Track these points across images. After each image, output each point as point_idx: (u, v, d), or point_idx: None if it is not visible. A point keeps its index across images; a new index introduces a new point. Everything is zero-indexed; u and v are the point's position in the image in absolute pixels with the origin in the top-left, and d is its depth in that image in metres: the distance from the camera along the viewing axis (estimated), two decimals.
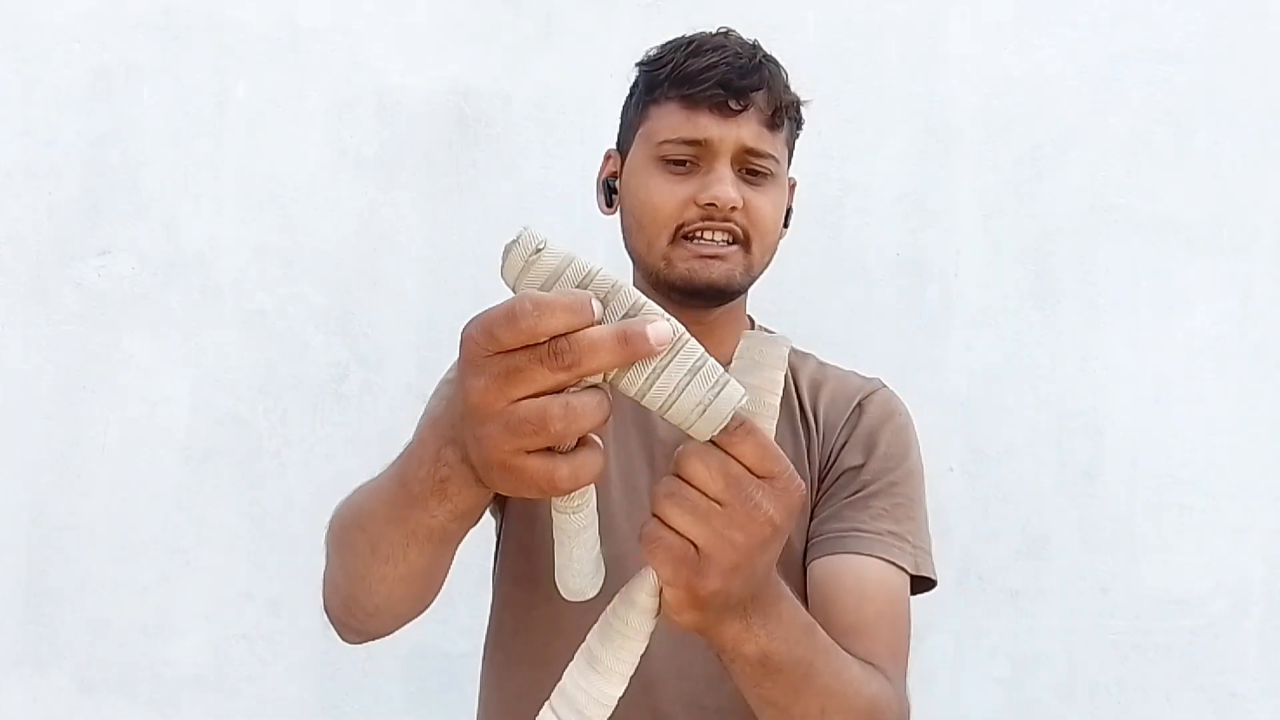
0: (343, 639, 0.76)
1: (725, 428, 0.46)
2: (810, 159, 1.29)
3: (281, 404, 1.50)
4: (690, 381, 0.44)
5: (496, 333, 0.43)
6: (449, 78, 1.52)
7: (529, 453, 0.45)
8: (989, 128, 1.55)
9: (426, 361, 1.47)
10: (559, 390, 0.44)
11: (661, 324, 0.44)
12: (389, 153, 1.52)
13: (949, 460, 1.51)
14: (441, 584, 0.68)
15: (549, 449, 0.45)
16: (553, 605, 0.64)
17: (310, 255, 1.51)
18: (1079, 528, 1.52)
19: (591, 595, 0.54)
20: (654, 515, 0.49)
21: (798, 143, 0.96)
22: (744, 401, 0.45)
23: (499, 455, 0.45)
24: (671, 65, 0.88)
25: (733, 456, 0.47)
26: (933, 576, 0.88)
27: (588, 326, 0.43)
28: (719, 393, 0.45)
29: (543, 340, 0.43)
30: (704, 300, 0.90)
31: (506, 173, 1.53)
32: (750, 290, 0.95)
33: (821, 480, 0.91)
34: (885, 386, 0.97)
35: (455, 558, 0.65)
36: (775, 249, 0.93)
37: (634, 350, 0.43)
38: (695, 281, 0.88)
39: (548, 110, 1.53)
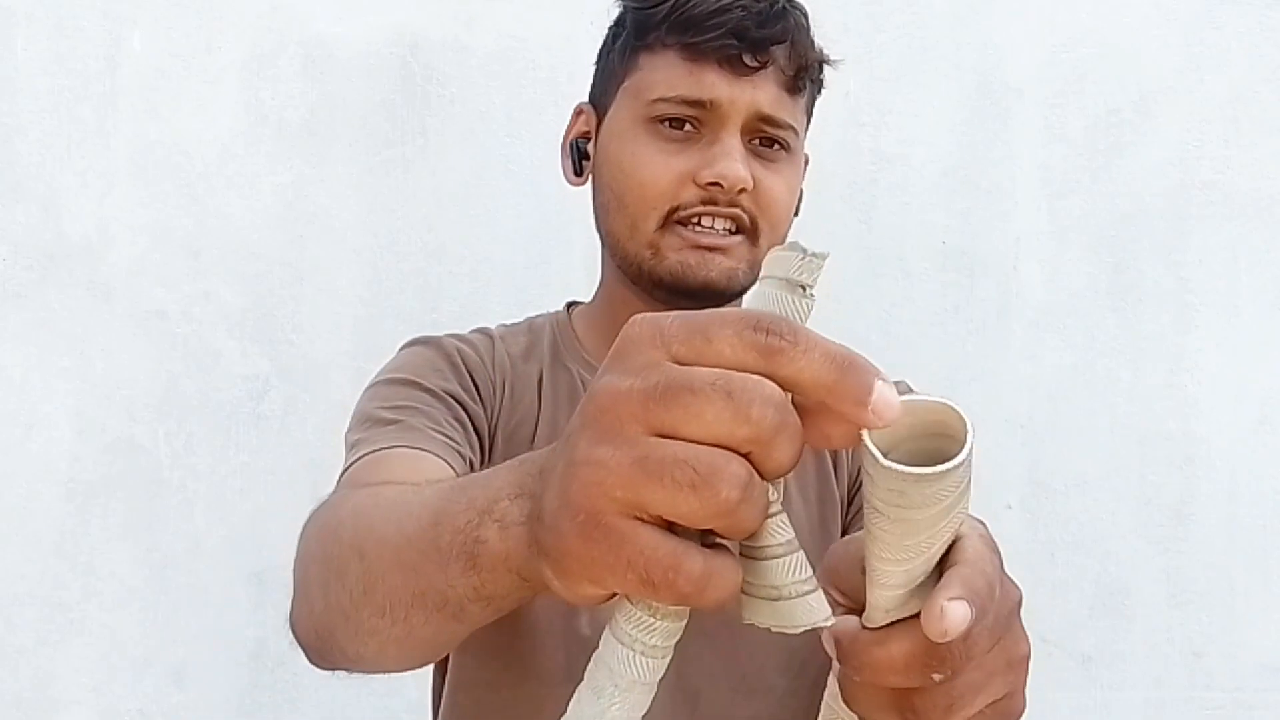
0: (310, 663, 0.71)
1: None
2: (836, 126, 1.36)
3: (186, 426, 1.42)
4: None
5: (711, 333, 0.37)
6: (392, 25, 1.47)
7: (641, 520, 0.36)
8: (1055, 87, 1.52)
9: (363, 374, 1.26)
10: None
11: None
12: (318, 118, 1.46)
13: (1007, 496, 1.46)
14: (451, 648, 0.66)
15: (669, 527, 0.37)
16: (525, 686, 0.63)
17: (222, 244, 1.44)
18: (1166, 579, 1.47)
19: None
20: None
21: (817, 106, 0.92)
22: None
23: (599, 501, 0.36)
24: (672, 3, 0.83)
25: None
26: None
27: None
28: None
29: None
30: (696, 302, 0.85)
31: (463, 142, 1.47)
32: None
33: (851, 501, 0.91)
34: (911, 389, 0.98)
35: None
36: (784, 241, 0.92)
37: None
38: (689, 279, 0.83)
39: (514, 65, 1.48)
